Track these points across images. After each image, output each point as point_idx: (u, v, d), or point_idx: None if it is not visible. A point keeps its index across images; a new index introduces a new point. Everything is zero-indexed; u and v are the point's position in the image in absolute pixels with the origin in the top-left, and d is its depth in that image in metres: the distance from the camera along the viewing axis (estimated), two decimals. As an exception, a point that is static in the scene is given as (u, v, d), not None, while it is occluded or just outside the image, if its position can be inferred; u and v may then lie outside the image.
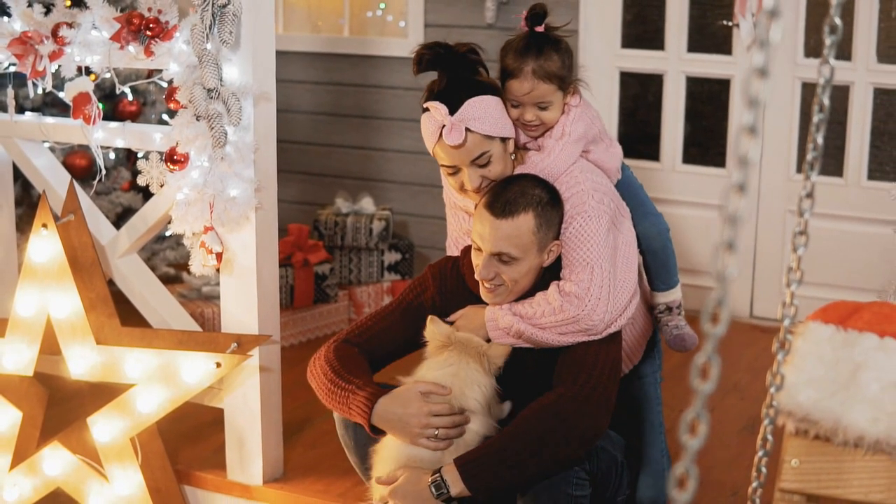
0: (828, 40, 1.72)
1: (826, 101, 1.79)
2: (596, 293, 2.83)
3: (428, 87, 2.95)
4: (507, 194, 2.84)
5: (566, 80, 3.01)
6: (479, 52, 2.98)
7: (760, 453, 2.01)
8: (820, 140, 1.83)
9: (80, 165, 4.80)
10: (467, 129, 2.86)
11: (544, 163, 2.97)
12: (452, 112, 2.86)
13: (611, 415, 2.82)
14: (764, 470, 2.00)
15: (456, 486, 2.70)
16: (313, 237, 5.13)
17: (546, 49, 2.97)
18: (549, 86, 2.97)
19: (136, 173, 5.10)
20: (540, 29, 3.02)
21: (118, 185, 5.01)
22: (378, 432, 2.85)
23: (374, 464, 2.90)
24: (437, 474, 2.72)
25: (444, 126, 2.86)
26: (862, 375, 1.89)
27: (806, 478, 1.97)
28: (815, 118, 1.82)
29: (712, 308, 1.09)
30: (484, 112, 2.88)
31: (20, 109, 4.45)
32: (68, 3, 3.72)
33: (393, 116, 5.81)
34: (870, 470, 1.92)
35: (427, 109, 2.91)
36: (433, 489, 2.71)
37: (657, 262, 3.24)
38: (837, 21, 1.74)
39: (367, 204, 5.29)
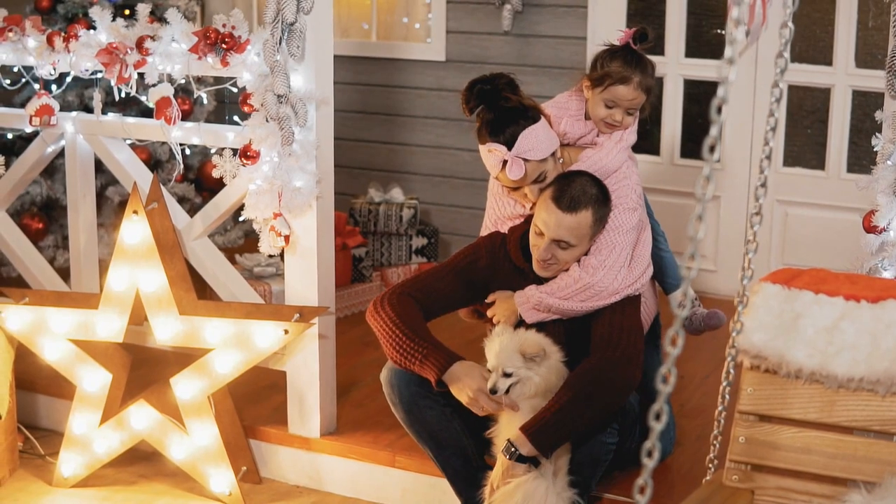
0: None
1: (777, 115, 2.35)
2: (609, 266, 3.37)
3: (479, 121, 3.45)
4: (571, 191, 3.33)
5: (650, 96, 3.58)
6: (514, 81, 3.47)
7: (724, 383, 2.63)
8: (772, 143, 2.43)
9: (140, 160, 5.30)
10: (525, 160, 3.37)
11: (602, 161, 3.50)
12: (510, 147, 3.37)
13: (642, 367, 3.33)
14: (727, 397, 2.61)
15: (524, 447, 3.20)
16: (350, 223, 5.68)
17: (649, 66, 3.55)
18: (644, 97, 3.55)
19: (187, 167, 5.66)
20: (637, 46, 3.55)
21: (172, 176, 5.53)
22: (441, 387, 3.32)
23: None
24: (508, 441, 3.23)
25: (505, 161, 3.38)
26: (800, 322, 2.50)
27: (758, 402, 2.58)
28: (767, 126, 2.40)
29: (689, 253, 1.67)
30: (535, 141, 3.38)
31: (88, 109, 5.00)
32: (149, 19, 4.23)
33: (417, 114, 6.35)
34: (807, 395, 2.54)
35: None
36: (505, 452, 3.22)
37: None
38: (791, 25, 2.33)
39: (396, 194, 5.84)
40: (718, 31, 5.67)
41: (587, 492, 3.38)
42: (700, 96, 5.80)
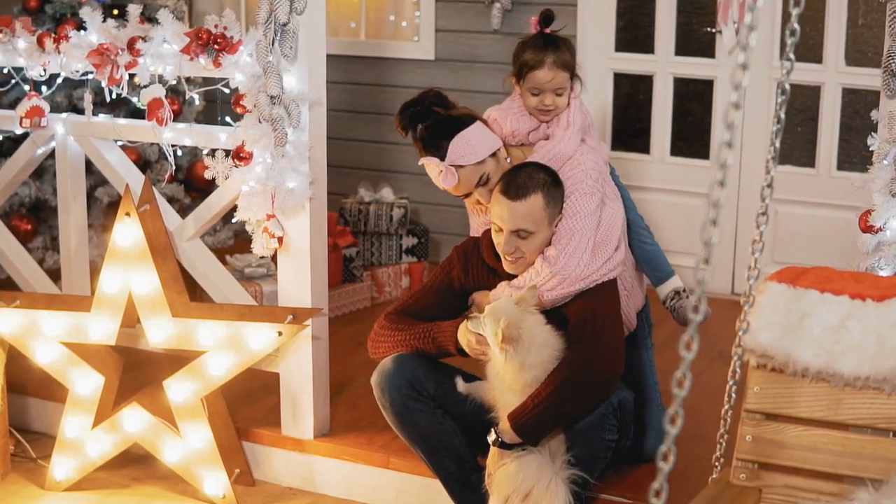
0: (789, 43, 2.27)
1: (782, 116, 2.35)
2: (570, 252, 3.37)
3: (415, 143, 3.54)
4: (517, 180, 3.36)
5: (574, 71, 3.61)
6: (442, 94, 3.56)
7: (731, 382, 2.63)
8: (777, 144, 2.42)
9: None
10: (458, 167, 3.43)
11: (556, 149, 3.53)
12: (443, 158, 3.43)
13: (623, 354, 3.34)
14: (733, 396, 2.61)
15: (507, 436, 3.26)
16: (340, 223, 5.66)
17: (561, 44, 3.58)
18: (565, 74, 3.57)
19: (176, 168, 5.62)
20: (548, 30, 3.60)
21: (162, 177, 5.50)
22: (462, 354, 3.38)
23: (492, 487, 3.35)
24: (493, 429, 3.28)
25: (441, 172, 3.43)
26: (806, 321, 2.51)
27: (765, 400, 2.59)
28: (773, 128, 2.39)
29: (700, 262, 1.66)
30: (467, 147, 3.44)
31: (77, 110, 4.96)
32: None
33: (405, 113, 6.31)
34: (813, 394, 2.56)
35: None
36: (489, 441, 3.29)
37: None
38: (796, 26, 2.32)
39: (386, 193, 5.82)
40: (708, 29, 5.68)
41: (585, 489, 3.38)
42: (690, 94, 5.81)
